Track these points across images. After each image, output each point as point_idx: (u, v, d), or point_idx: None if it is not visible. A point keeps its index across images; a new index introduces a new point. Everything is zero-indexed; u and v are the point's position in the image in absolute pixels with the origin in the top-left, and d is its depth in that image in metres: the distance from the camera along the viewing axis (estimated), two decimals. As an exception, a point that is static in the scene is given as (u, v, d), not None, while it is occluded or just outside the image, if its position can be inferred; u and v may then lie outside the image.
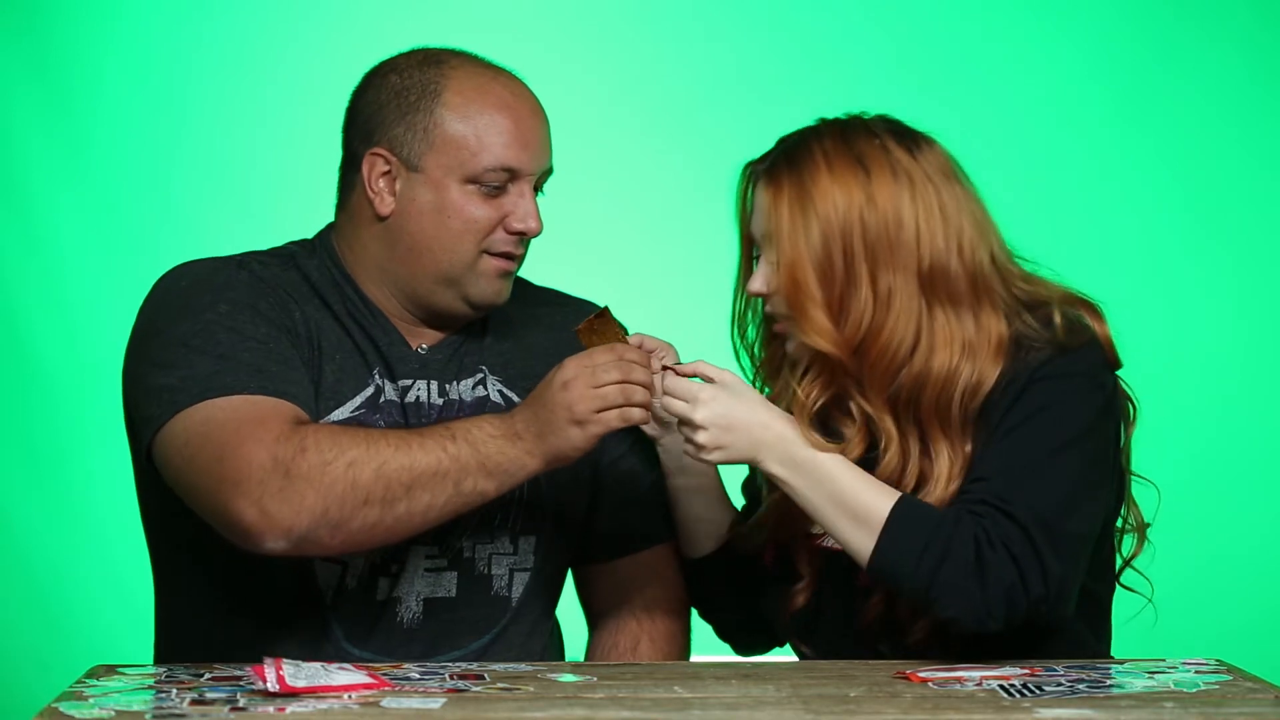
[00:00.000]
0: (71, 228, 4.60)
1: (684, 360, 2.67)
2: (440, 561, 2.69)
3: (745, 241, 2.68)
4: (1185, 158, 4.68)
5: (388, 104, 2.67)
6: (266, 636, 2.63)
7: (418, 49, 2.72)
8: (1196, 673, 2.49)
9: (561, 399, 2.53)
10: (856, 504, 2.54)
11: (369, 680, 2.37)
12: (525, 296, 2.81)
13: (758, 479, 2.79)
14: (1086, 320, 2.62)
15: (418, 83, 2.67)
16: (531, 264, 2.75)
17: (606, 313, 2.64)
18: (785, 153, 2.62)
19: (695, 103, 4.66)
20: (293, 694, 2.29)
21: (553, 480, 2.71)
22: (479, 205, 2.66)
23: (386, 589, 2.68)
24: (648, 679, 2.48)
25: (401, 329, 2.73)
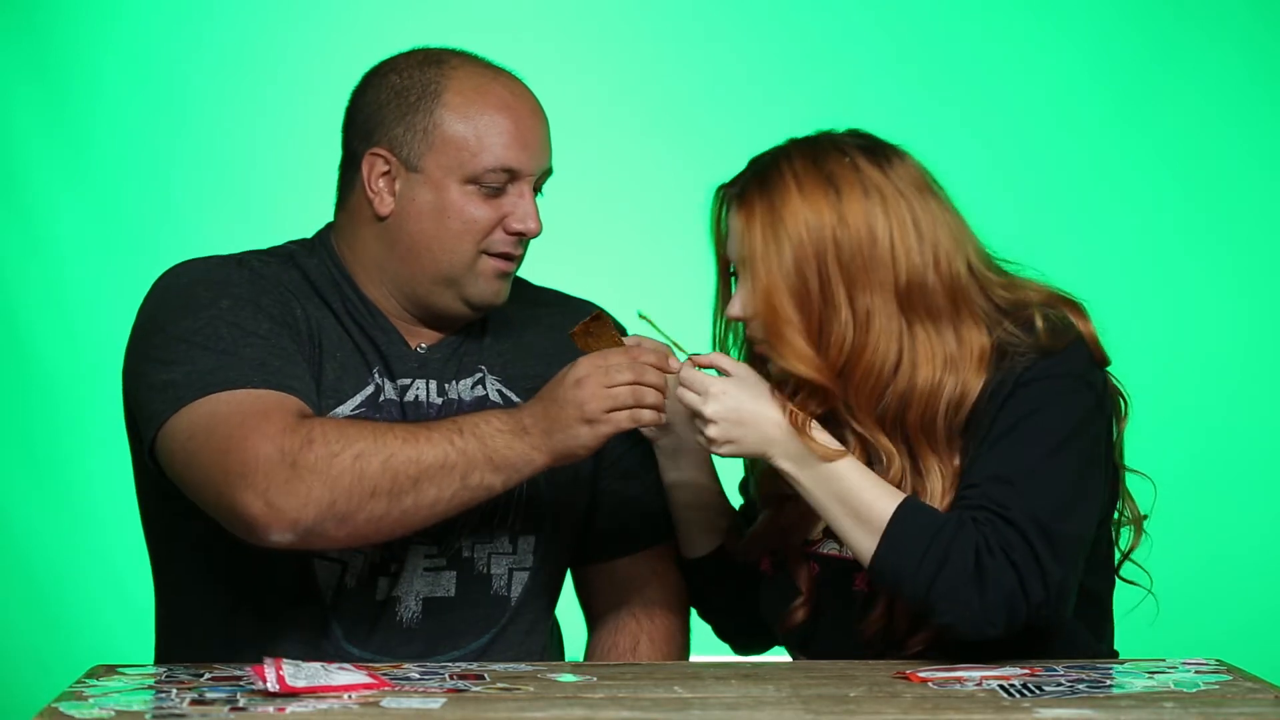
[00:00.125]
0: (71, 228, 4.60)
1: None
2: (439, 561, 2.69)
3: (721, 263, 2.66)
4: (1185, 157, 4.68)
5: (387, 104, 2.67)
6: (266, 636, 2.63)
7: (418, 49, 2.72)
8: (1196, 673, 2.48)
9: (573, 396, 2.53)
10: (861, 504, 2.54)
11: (369, 680, 2.37)
12: (525, 296, 2.81)
13: (750, 488, 2.79)
14: (1070, 320, 2.62)
15: (418, 83, 2.66)
16: (531, 264, 2.75)
17: (602, 316, 2.64)
18: (756, 175, 2.60)
19: (695, 103, 4.66)
20: (293, 694, 2.29)
21: (552, 480, 2.71)
22: (478, 205, 2.66)
23: (386, 588, 2.68)
24: (648, 679, 2.47)
25: (401, 328, 2.72)
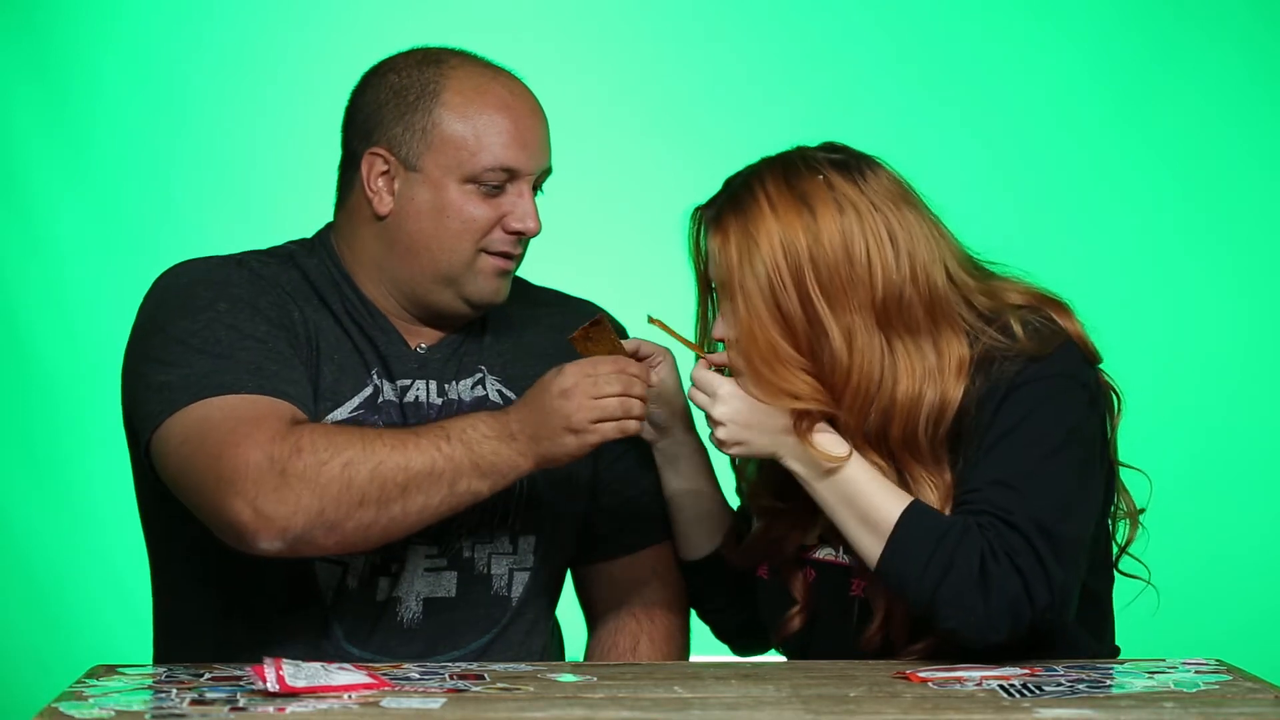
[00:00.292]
0: (71, 228, 4.60)
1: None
2: (440, 561, 2.69)
3: (701, 283, 2.66)
4: (1185, 158, 4.68)
5: (387, 104, 2.67)
6: (266, 636, 2.63)
7: (417, 49, 2.72)
8: (1196, 673, 2.48)
9: (560, 407, 2.53)
10: (868, 507, 2.54)
11: (369, 680, 2.37)
12: (525, 296, 2.81)
13: (743, 493, 2.79)
14: (1055, 321, 2.61)
15: (417, 82, 2.66)
16: (531, 264, 2.75)
17: (602, 320, 2.64)
18: (730, 198, 2.59)
19: (695, 103, 4.66)
20: (293, 694, 2.29)
21: (551, 480, 2.71)
22: (477, 205, 2.66)
23: (386, 589, 2.68)
24: (648, 679, 2.47)
25: (400, 328, 2.72)
